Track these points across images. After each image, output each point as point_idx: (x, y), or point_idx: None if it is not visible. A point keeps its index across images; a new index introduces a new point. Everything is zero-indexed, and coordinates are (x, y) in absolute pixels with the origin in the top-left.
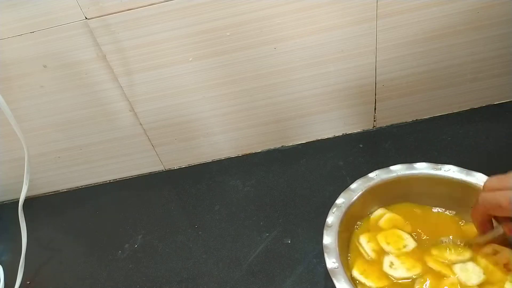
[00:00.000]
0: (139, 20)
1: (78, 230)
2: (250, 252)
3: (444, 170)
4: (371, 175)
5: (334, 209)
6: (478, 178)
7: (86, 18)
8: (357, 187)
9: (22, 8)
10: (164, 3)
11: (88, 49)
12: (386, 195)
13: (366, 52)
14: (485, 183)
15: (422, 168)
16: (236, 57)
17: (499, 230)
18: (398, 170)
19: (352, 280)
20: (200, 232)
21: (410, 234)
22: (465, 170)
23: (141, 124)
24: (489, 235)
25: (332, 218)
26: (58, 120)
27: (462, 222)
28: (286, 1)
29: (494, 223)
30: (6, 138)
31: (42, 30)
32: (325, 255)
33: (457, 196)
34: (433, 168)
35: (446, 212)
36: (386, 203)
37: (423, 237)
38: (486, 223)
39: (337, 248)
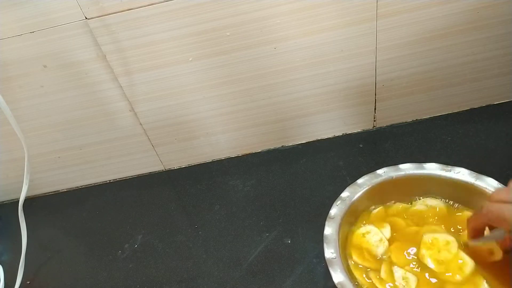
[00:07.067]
0: (139, 20)
1: (78, 230)
2: (250, 252)
3: (454, 172)
4: (379, 171)
5: (339, 202)
6: (488, 183)
7: (86, 18)
8: (364, 182)
9: (22, 8)
10: (164, 3)
11: (88, 49)
12: (392, 192)
13: (366, 52)
14: (492, 193)
15: (432, 168)
16: (236, 57)
17: (498, 234)
18: (407, 168)
19: (349, 272)
20: (200, 232)
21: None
22: (475, 174)
23: (141, 124)
24: (483, 240)
25: (335, 210)
26: (58, 120)
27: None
28: (286, 1)
29: (486, 231)
30: (6, 138)
31: (42, 30)
32: (324, 245)
33: (463, 199)
34: (443, 170)
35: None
36: (390, 201)
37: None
38: (481, 230)
39: (337, 240)
